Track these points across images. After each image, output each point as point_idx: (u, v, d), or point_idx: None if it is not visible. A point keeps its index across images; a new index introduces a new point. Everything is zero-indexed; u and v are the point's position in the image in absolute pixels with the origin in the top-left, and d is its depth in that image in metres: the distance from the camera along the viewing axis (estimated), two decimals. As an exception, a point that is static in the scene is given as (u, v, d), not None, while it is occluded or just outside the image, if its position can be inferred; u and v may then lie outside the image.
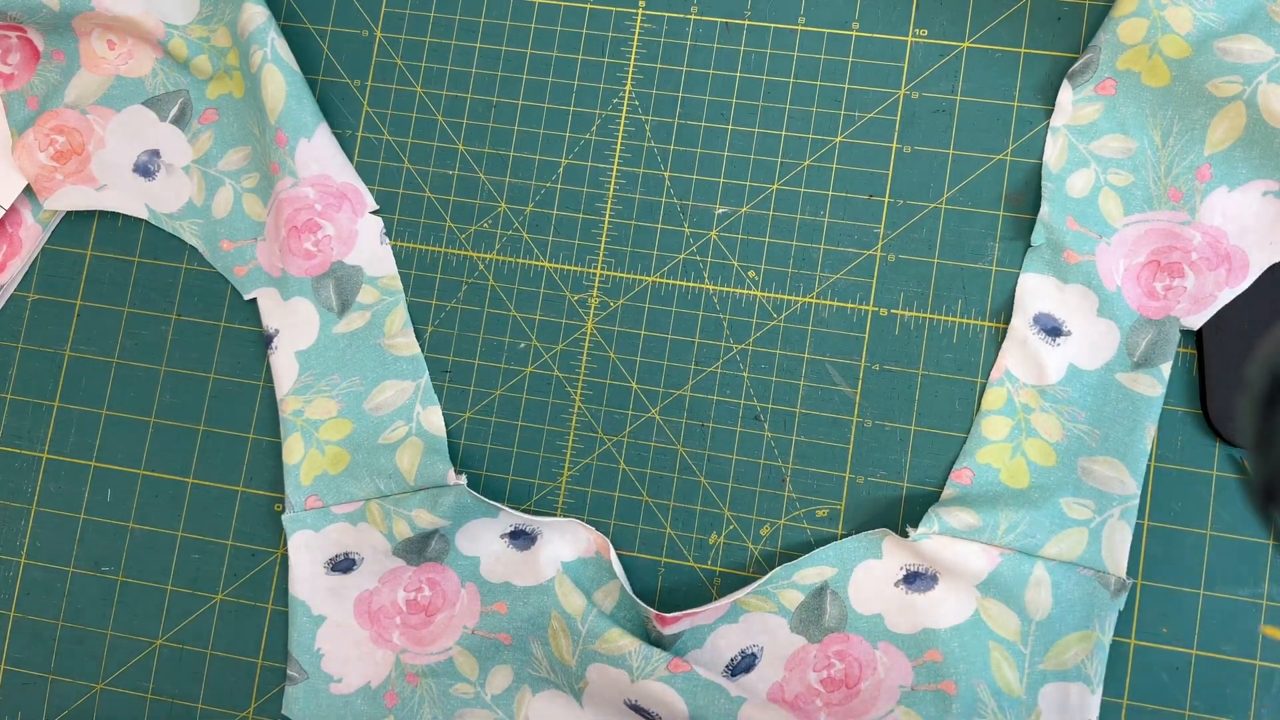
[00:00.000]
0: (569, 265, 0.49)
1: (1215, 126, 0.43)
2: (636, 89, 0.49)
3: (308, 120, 0.49)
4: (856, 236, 0.47)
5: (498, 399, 0.48)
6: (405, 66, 0.51)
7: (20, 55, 0.52)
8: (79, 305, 0.52)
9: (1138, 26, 0.44)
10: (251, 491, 0.49)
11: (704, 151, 0.48)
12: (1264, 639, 0.43)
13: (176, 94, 0.51)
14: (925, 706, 0.42)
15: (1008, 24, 0.47)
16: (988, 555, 0.42)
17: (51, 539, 0.50)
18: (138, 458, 0.50)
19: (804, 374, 0.47)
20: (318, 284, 0.49)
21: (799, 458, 0.46)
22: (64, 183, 0.51)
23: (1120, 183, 0.45)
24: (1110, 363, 0.44)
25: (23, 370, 0.52)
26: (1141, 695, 0.43)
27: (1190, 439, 0.44)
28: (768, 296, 0.47)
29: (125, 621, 0.49)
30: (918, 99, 0.47)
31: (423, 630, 0.46)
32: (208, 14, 0.51)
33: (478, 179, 0.50)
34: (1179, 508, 0.44)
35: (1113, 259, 0.44)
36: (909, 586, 0.43)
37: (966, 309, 0.46)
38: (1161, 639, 0.43)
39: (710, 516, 0.47)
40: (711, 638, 0.44)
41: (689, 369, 0.47)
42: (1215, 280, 0.43)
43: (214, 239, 0.50)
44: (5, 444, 0.51)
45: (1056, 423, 0.44)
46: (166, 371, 0.51)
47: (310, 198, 0.48)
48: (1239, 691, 0.43)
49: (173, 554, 0.49)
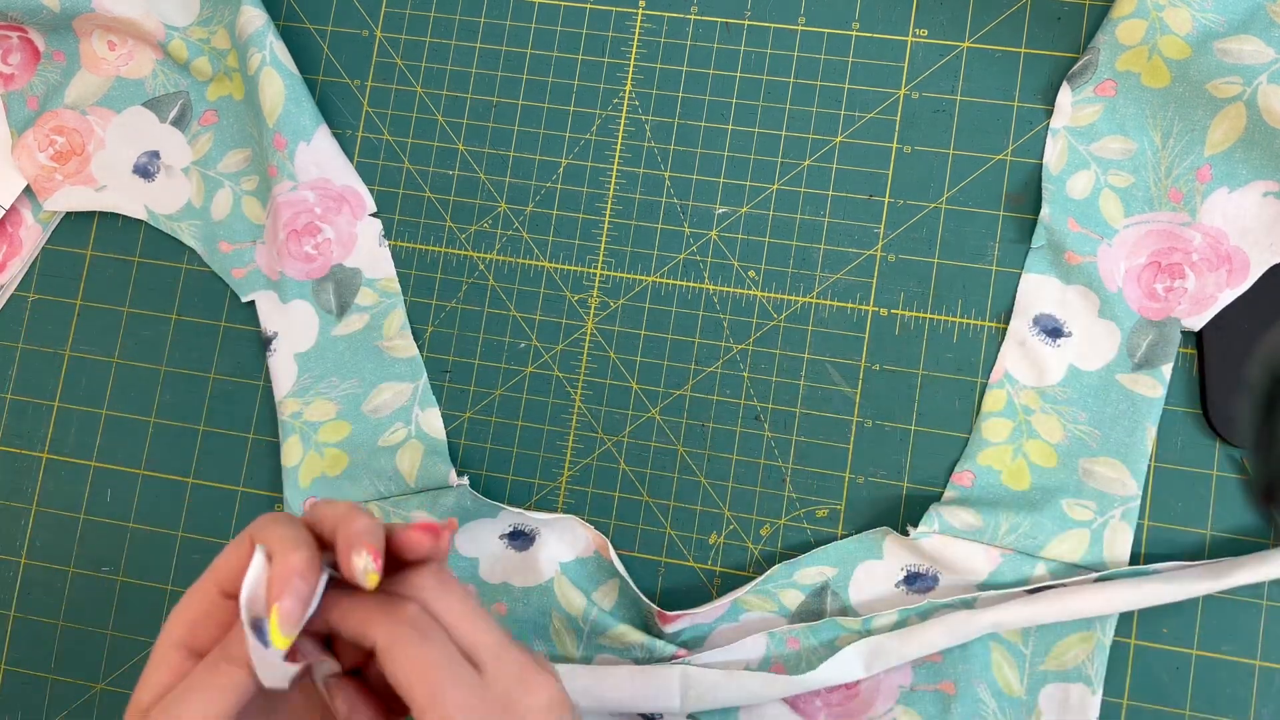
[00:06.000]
0: (569, 265, 0.49)
1: (1215, 127, 0.43)
2: (636, 89, 0.49)
3: (306, 123, 0.49)
4: (856, 236, 0.47)
5: (498, 399, 0.48)
6: (405, 66, 0.51)
7: (21, 55, 0.52)
8: (79, 305, 0.52)
9: (1136, 27, 0.44)
10: (251, 491, 0.49)
11: (704, 151, 0.48)
12: (1264, 638, 0.43)
13: (176, 95, 0.51)
14: (925, 706, 0.42)
15: (1008, 24, 0.47)
16: (988, 555, 0.42)
17: (51, 539, 0.50)
18: (138, 458, 0.50)
19: (804, 374, 0.47)
20: (317, 287, 0.49)
21: (799, 458, 0.46)
22: (63, 183, 0.51)
23: (1121, 184, 0.45)
24: (1111, 364, 0.44)
25: (23, 370, 0.52)
26: (1141, 695, 0.43)
27: (1190, 439, 0.44)
28: (768, 296, 0.47)
29: (125, 621, 0.49)
30: (918, 99, 0.47)
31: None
32: (208, 16, 0.51)
33: (478, 179, 0.50)
34: (1179, 508, 0.44)
35: (1114, 260, 0.44)
36: (909, 587, 0.43)
37: (966, 309, 0.46)
38: (1161, 639, 0.43)
39: (710, 516, 0.47)
40: (711, 636, 0.44)
41: (689, 369, 0.47)
42: (1216, 281, 0.43)
43: (213, 241, 0.50)
44: (5, 444, 0.51)
45: (1057, 424, 0.44)
46: (166, 371, 0.51)
47: (310, 201, 0.48)
48: (1239, 691, 0.43)
49: (173, 554, 0.49)
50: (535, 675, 0.31)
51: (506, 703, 0.30)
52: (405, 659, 0.29)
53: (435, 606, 0.30)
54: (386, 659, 0.29)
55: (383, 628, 0.29)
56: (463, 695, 0.29)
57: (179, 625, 0.30)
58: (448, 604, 0.31)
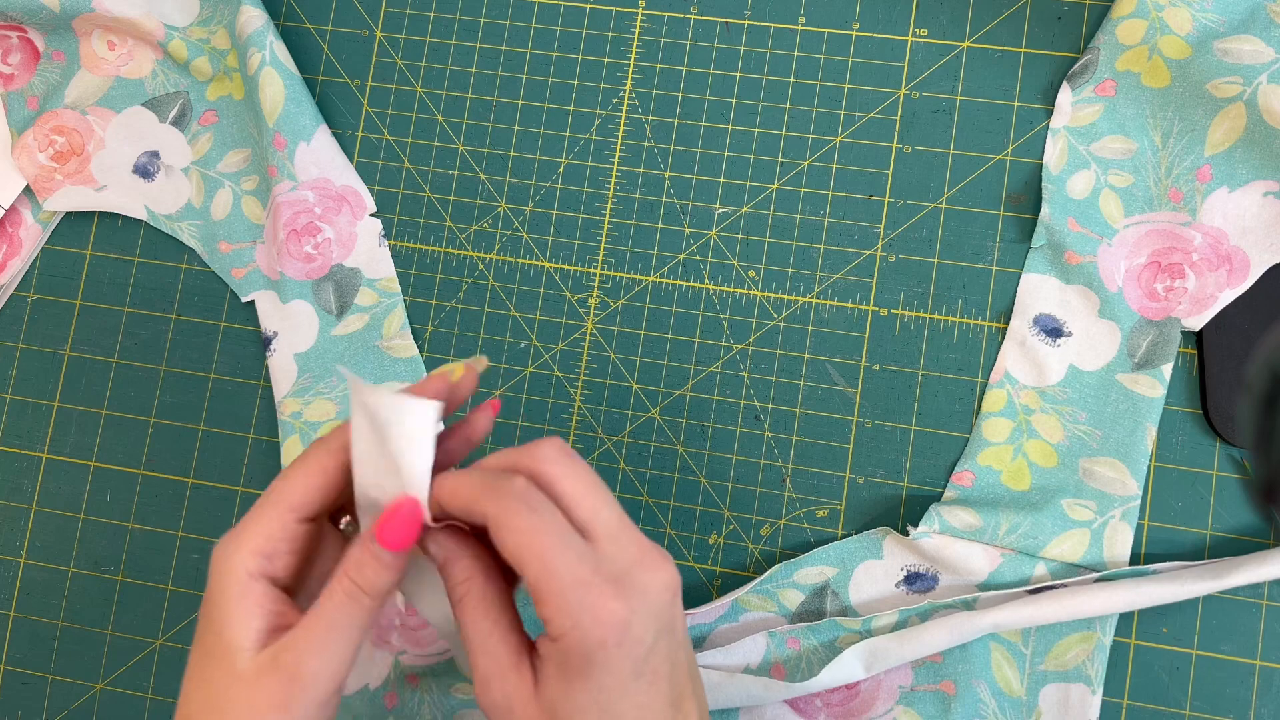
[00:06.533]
0: (569, 265, 0.49)
1: (1215, 127, 0.43)
2: (636, 89, 0.49)
3: (306, 123, 0.49)
4: (857, 236, 0.47)
5: (498, 399, 0.48)
6: (405, 66, 0.51)
7: (21, 55, 0.52)
8: (79, 305, 0.52)
9: (1136, 27, 0.44)
10: (251, 491, 0.49)
11: (704, 151, 0.48)
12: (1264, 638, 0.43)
13: (176, 95, 0.51)
14: (925, 706, 0.42)
15: (1008, 24, 0.47)
16: (989, 555, 0.42)
17: (51, 539, 0.50)
18: (138, 458, 0.50)
19: (804, 374, 0.47)
20: (317, 287, 0.49)
21: (799, 458, 0.46)
22: (63, 183, 0.51)
23: (1121, 184, 0.45)
24: (1111, 364, 0.44)
25: (23, 370, 0.52)
26: (1141, 695, 0.43)
27: (1190, 439, 0.44)
28: (768, 296, 0.47)
29: (125, 621, 0.49)
30: (918, 99, 0.47)
31: (421, 632, 0.46)
32: (207, 16, 0.51)
33: (478, 179, 0.50)
34: (1179, 508, 0.44)
35: (1114, 260, 0.44)
36: (909, 587, 0.43)
37: (966, 309, 0.46)
38: (1161, 639, 0.43)
39: (710, 516, 0.47)
40: (711, 636, 0.44)
41: (689, 369, 0.47)
42: (1216, 281, 0.43)
43: (212, 241, 0.50)
44: (5, 444, 0.51)
45: (1057, 423, 0.44)
46: (166, 371, 0.51)
47: (310, 201, 0.48)
48: (1239, 691, 0.43)
49: (173, 554, 0.49)
50: (653, 555, 0.31)
51: (622, 576, 0.29)
52: (515, 530, 0.29)
53: (559, 483, 0.30)
54: (497, 531, 0.29)
55: (492, 502, 0.29)
56: (575, 565, 0.29)
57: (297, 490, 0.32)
58: (570, 478, 0.31)
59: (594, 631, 0.28)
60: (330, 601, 0.31)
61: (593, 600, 0.28)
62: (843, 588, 0.44)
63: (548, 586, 0.28)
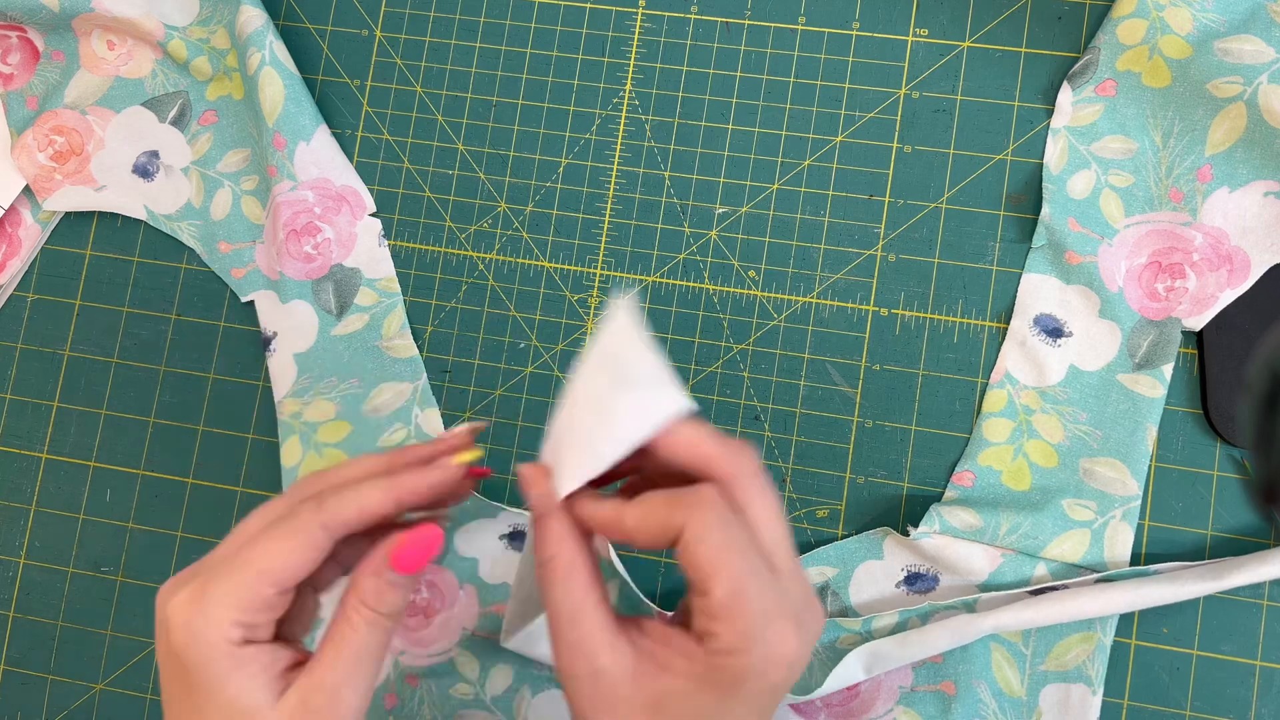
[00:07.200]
0: (569, 265, 0.49)
1: (1216, 127, 0.43)
2: (636, 89, 0.49)
3: (306, 123, 0.48)
4: (857, 236, 0.47)
5: (498, 399, 0.48)
6: (405, 66, 0.51)
7: (20, 55, 0.52)
8: (79, 305, 0.52)
9: (1136, 27, 0.44)
10: (251, 491, 0.49)
11: (704, 151, 0.48)
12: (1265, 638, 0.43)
13: (176, 95, 0.51)
14: (925, 707, 0.42)
15: (1008, 24, 0.47)
16: (989, 556, 0.42)
17: (51, 539, 0.50)
18: (138, 458, 0.50)
19: (804, 374, 0.47)
20: (317, 287, 0.49)
21: (799, 458, 0.46)
22: (63, 183, 0.51)
23: (1121, 184, 0.45)
24: (1112, 364, 0.44)
25: (23, 370, 0.52)
26: (1141, 695, 0.43)
27: (1190, 439, 0.44)
28: (768, 296, 0.47)
29: (125, 621, 0.49)
30: (918, 99, 0.47)
31: (421, 632, 0.46)
32: (207, 15, 0.51)
33: (478, 179, 0.50)
34: (1179, 508, 0.44)
35: (1114, 260, 0.44)
36: (910, 587, 0.43)
37: (967, 309, 0.46)
38: (1161, 639, 0.43)
39: (710, 517, 0.46)
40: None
41: (689, 369, 0.47)
42: (1216, 281, 0.43)
43: (212, 241, 0.50)
44: (5, 444, 0.51)
45: (1058, 424, 0.44)
46: (166, 371, 0.51)
47: (310, 201, 0.48)
48: (1239, 691, 0.43)
49: (173, 554, 0.49)
50: (815, 601, 0.30)
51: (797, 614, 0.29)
52: (711, 544, 0.28)
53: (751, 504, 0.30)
54: (692, 540, 0.28)
55: (693, 512, 0.29)
56: (764, 592, 0.28)
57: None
58: (760, 502, 0.30)
59: (767, 662, 0.28)
60: (354, 633, 0.30)
61: (774, 632, 0.28)
62: (843, 588, 0.44)
63: (734, 605, 0.28)
